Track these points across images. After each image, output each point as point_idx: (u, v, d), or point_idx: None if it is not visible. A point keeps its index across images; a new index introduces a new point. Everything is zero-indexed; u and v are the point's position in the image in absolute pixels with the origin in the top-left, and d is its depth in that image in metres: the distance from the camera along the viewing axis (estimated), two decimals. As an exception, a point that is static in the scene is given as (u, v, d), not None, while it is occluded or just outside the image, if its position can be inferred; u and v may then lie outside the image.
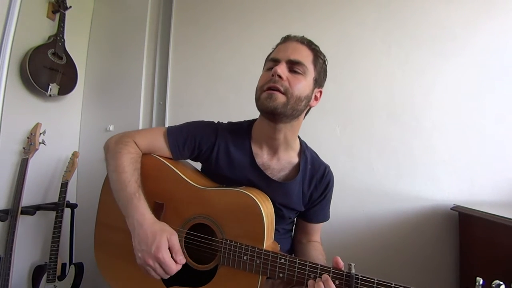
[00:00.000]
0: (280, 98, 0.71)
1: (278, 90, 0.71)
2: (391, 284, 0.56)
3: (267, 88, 0.72)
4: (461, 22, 1.31)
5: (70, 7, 1.50)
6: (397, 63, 1.37)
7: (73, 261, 1.42)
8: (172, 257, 0.65)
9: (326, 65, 0.81)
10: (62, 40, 1.47)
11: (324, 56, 0.80)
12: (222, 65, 1.56)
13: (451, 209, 1.22)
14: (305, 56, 0.74)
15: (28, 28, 1.36)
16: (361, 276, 0.58)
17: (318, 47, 0.79)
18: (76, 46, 1.61)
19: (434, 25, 1.34)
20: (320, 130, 1.42)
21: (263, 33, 1.49)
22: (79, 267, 1.39)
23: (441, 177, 1.28)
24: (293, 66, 0.72)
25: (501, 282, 0.53)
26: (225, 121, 0.92)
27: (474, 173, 1.25)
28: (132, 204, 0.69)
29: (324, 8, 1.47)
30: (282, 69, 0.71)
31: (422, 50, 1.34)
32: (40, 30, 1.44)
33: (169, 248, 0.65)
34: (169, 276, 0.66)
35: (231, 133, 0.83)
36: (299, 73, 0.73)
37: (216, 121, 0.89)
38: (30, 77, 1.30)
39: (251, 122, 0.87)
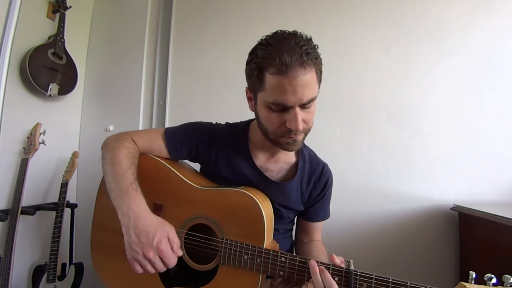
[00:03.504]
0: (301, 137, 0.70)
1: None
2: (389, 279, 0.58)
3: (288, 137, 0.68)
4: (460, 21, 1.31)
5: (70, 7, 1.50)
6: (397, 62, 1.37)
7: (73, 261, 1.42)
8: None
9: (321, 62, 0.68)
10: (62, 40, 1.47)
11: (318, 52, 0.66)
12: (222, 65, 1.56)
13: (451, 209, 1.22)
14: (314, 86, 0.65)
15: (28, 28, 1.36)
16: (360, 272, 0.59)
17: (316, 50, 0.65)
18: (76, 46, 1.61)
19: (433, 24, 1.33)
20: (320, 130, 1.41)
21: (263, 33, 1.49)
22: (79, 267, 1.39)
23: (441, 177, 1.28)
24: (305, 105, 0.65)
25: (492, 276, 0.54)
26: (225, 121, 0.92)
27: (474, 173, 1.25)
28: (128, 195, 0.66)
29: (322, 6, 1.47)
30: (300, 123, 0.64)
31: (421, 49, 1.34)
32: (40, 30, 1.44)
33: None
34: (165, 269, 0.64)
35: (229, 135, 0.83)
36: (310, 107, 0.67)
37: (214, 122, 0.88)
38: (30, 77, 1.30)
39: (248, 123, 0.86)
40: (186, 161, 0.92)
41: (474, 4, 1.30)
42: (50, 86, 1.39)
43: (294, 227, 0.95)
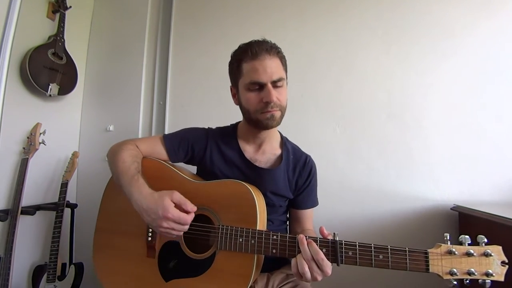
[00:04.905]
0: (278, 114, 0.83)
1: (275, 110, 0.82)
2: (371, 245, 0.65)
3: (266, 111, 0.81)
4: (460, 21, 1.31)
5: (70, 7, 1.50)
6: (397, 62, 1.37)
7: (73, 261, 1.42)
8: (183, 210, 0.73)
9: (285, 58, 0.87)
10: (62, 40, 1.47)
11: (282, 50, 0.86)
12: (223, 65, 1.54)
13: (451, 209, 1.22)
14: (281, 69, 0.83)
15: (28, 28, 1.36)
16: (345, 241, 0.66)
17: (280, 49, 0.85)
18: (76, 46, 1.61)
19: (433, 24, 1.34)
20: (320, 130, 1.42)
21: (262, 32, 1.49)
22: (79, 267, 1.39)
23: (441, 177, 1.28)
24: (276, 83, 0.81)
25: (467, 236, 0.61)
26: (224, 121, 1.00)
27: (474, 173, 1.25)
28: (132, 186, 0.76)
29: (322, 5, 1.47)
30: (273, 94, 0.79)
31: (421, 49, 1.34)
32: (40, 30, 1.44)
33: (176, 206, 0.72)
34: (187, 227, 0.73)
35: (220, 135, 0.95)
36: (281, 86, 0.82)
37: (206, 127, 0.99)
38: (30, 77, 1.31)
39: (236, 125, 0.98)
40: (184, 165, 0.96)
41: (474, 4, 1.30)
42: (50, 86, 1.39)
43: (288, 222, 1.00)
